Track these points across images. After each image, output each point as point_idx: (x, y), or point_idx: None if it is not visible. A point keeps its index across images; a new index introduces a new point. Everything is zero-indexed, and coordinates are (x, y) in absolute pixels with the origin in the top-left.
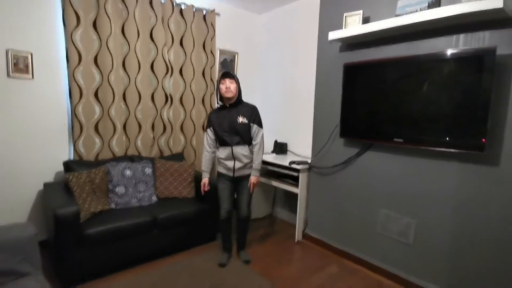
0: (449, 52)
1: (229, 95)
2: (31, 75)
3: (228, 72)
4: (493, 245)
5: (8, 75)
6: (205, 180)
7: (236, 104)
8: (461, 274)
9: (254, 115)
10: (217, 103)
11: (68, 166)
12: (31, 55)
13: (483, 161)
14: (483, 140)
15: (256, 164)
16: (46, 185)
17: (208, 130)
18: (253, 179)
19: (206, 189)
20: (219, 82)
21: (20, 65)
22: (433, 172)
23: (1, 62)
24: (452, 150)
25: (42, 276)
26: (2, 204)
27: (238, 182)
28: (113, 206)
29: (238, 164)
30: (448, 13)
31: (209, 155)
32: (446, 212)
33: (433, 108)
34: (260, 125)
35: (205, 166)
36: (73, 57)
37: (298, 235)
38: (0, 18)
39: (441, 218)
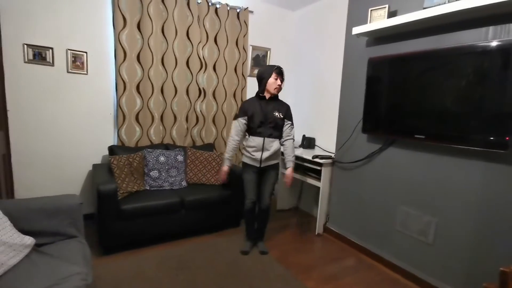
0: (475, 45)
1: (277, 92)
2: (86, 71)
3: (282, 71)
4: None
5: (67, 71)
6: (225, 168)
7: (274, 98)
8: (481, 277)
9: (289, 112)
10: (260, 94)
11: (112, 150)
12: (86, 53)
13: (506, 160)
14: (507, 138)
15: (292, 157)
16: (94, 165)
17: (241, 119)
18: (289, 171)
19: (224, 177)
20: (269, 75)
21: (77, 62)
22: (456, 170)
23: (62, 60)
24: (475, 148)
25: (84, 240)
26: (60, 180)
27: (263, 172)
28: (147, 187)
29: (265, 155)
30: (478, 3)
31: (235, 144)
32: (468, 211)
33: (457, 104)
34: (292, 122)
35: (229, 154)
36: (120, 54)
37: (319, 228)
38: (62, 24)
39: (463, 218)
